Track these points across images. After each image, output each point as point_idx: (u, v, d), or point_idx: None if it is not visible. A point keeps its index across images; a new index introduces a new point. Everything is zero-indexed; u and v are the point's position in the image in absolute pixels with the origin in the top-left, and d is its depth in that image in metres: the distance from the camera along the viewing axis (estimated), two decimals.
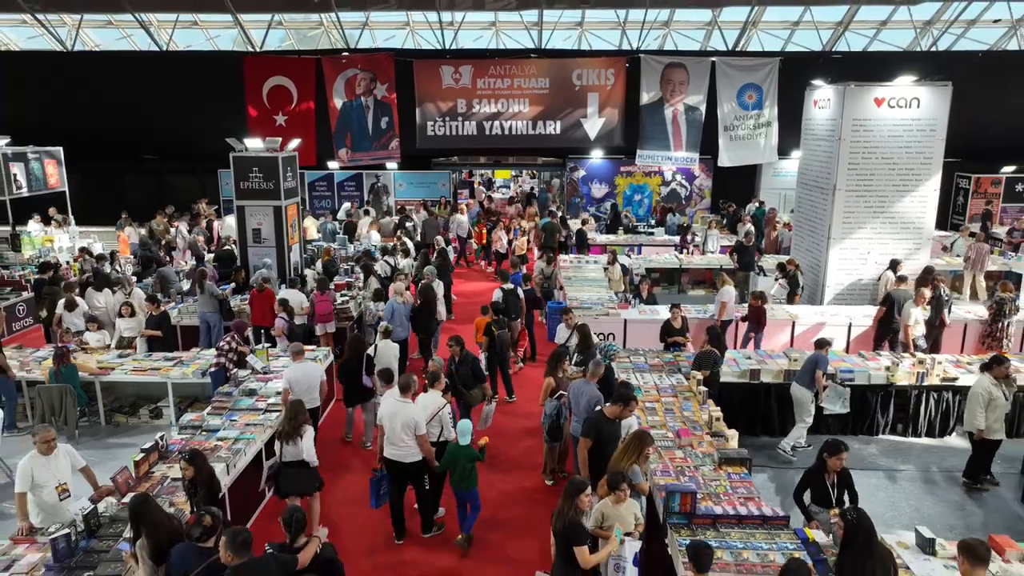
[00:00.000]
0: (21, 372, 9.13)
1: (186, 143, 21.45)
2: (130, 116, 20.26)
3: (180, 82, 19.62)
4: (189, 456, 5.62)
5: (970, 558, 4.32)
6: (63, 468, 5.86)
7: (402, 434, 6.41)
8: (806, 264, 13.75)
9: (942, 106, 12.47)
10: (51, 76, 19.54)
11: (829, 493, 5.76)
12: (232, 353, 9.07)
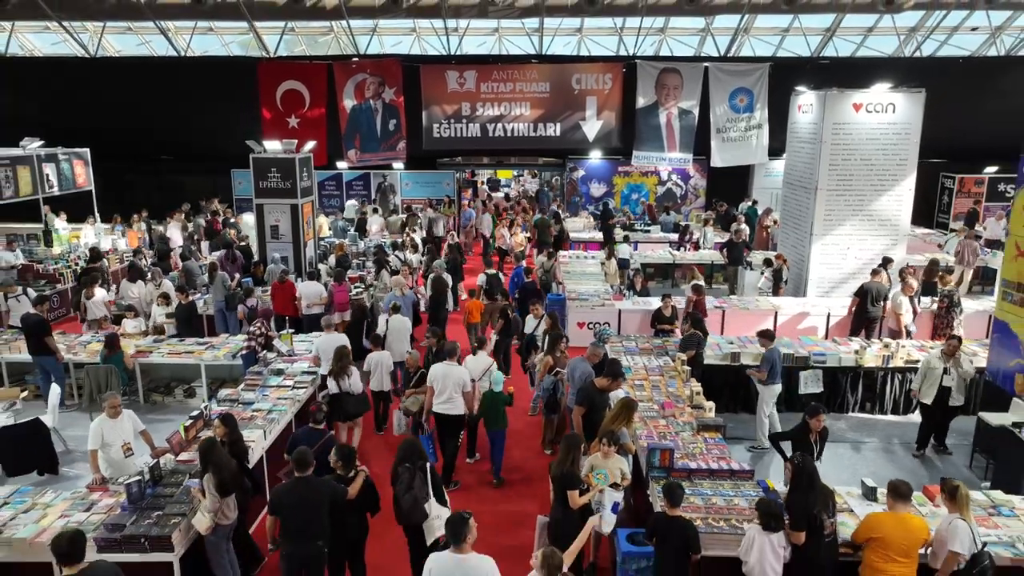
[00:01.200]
0: (68, 355, 10.01)
1: (200, 144, 22.32)
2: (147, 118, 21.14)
3: (196, 86, 20.51)
4: (222, 417, 6.52)
5: (893, 494, 5.22)
6: (127, 430, 6.78)
7: (452, 392, 7.62)
8: (791, 259, 14.62)
9: (916, 111, 13.31)
10: (75, 80, 20.46)
11: (812, 448, 6.62)
12: (261, 337, 9.96)
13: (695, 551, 5.30)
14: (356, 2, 17.81)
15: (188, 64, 20.94)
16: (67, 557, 4.45)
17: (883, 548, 5.14)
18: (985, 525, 5.80)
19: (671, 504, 5.36)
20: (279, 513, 5.47)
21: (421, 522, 5.74)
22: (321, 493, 5.46)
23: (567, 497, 5.76)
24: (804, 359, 9.85)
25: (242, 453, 6.35)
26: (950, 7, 17.77)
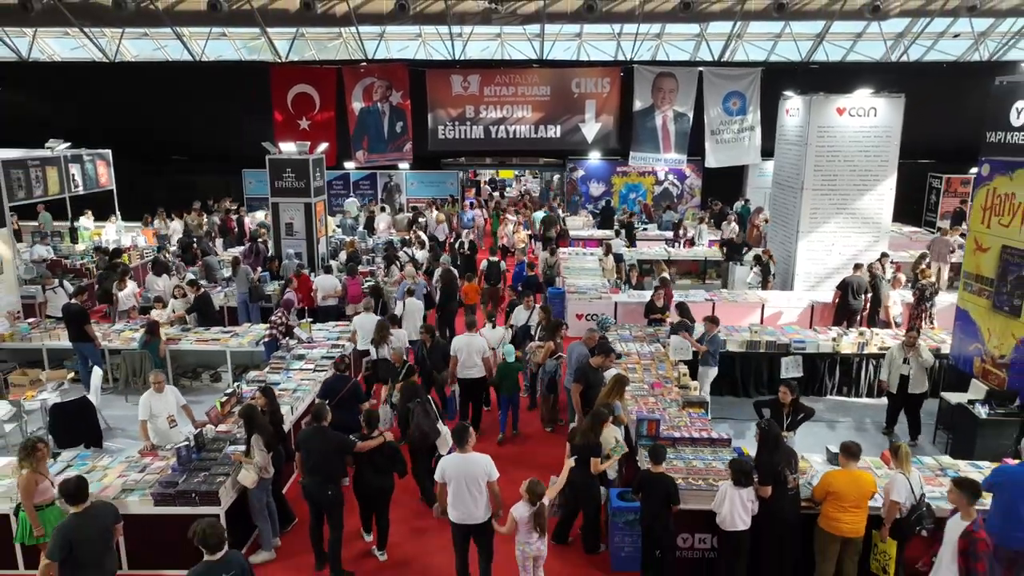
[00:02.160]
0: (104, 342, 10.81)
1: (212, 145, 23.17)
2: (162, 120, 21.99)
3: (210, 89, 21.34)
4: (263, 390, 7.34)
5: (844, 453, 6.01)
6: (171, 403, 7.60)
7: (475, 358, 8.99)
8: (779, 255, 15.41)
9: (896, 115, 14.07)
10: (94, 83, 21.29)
11: (783, 419, 7.38)
12: (282, 326, 10.77)
13: (675, 503, 6.09)
14: (365, 9, 18.59)
15: (202, 68, 21.76)
16: (74, 497, 5.29)
17: (838, 500, 5.93)
18: (932, 484, 6.60)
19: (655, 462, 6.16)
20: (299, 449, 6.48)
21: (436, 439, 7.21)
22: (331, 442, 6.37)
23: (590, 463, 6.54)
24: (785, 346, 10.64)
25: (279, 421, 7.16)
26: (934, 14, 18.53)
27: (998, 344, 8.64)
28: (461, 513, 5.87)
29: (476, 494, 5.81)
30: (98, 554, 5.28)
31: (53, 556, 5.13)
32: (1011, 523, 5.83)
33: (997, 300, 8.66)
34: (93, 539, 5.25)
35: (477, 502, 5.83)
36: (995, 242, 8.73)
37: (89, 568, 5.22)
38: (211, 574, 4.71)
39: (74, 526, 5.22)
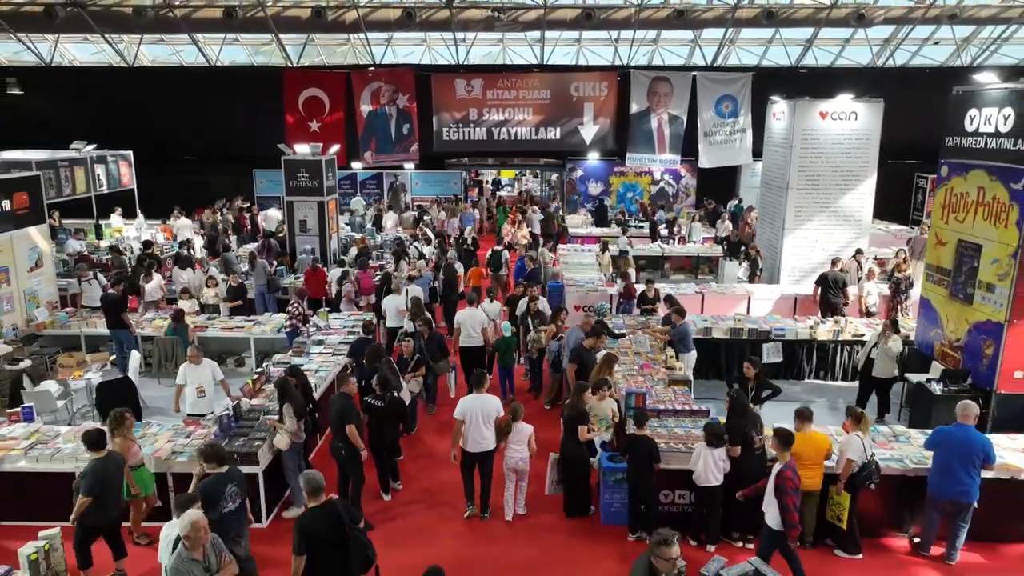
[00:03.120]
0: (137, 330, 11.70)
1: (224, 146, 24.05)
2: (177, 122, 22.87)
3: (222, 92, 22.25)
4: (292, 368, 8.27)
5: (799, 418, 6.90)
6: (207, 376, 8.52)
7: (476, 329, 10.34)
8: (766, 250, 16.28)
9: (875, 119, 14.91)
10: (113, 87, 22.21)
11: (748, 391, 8.26)
12: (299, 315, 11.67)
13: (656, 461, 6.98)
14: (373, 17, 19.52)
15: (215, 72, 22.66)
16: (96, 444, 6.30)
17: (797, 458, 6.80)
18: (885, 448, 7.49)
19: (638, 426, 7.04)
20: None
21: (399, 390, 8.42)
22: (334, 407, 7.37)
23: (577, 432, 7.43)
24: (766, 333, 11.53)
25: (309, 393, 8.07)
26: (916, 22, 19.41)
27: (954, 329, 9.51)
28: (476, 443, 7.35)
29: (487, 426, 7.33)
30: (115, 490, 6.35)
31: (91, 493, 6.09)
32: (947, 478, 6.72)
33: (954, 289, 9.53)
34: (112, 478, 6.31)
35: (488, 433, 7.34)
36: (952, 237, 9.61)
37: (109, 501, 6.24)
38: (220, 483, 5.86)
39: (100, 468, 6.23)
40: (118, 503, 6.43)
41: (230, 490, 5.91)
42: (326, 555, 5.26)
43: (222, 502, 5.82)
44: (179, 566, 4.76)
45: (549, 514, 7.69)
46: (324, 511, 5.45)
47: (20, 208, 11.69)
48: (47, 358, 10.99)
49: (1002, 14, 19.06)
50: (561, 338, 10.05)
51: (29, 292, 11.93)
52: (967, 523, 6.81)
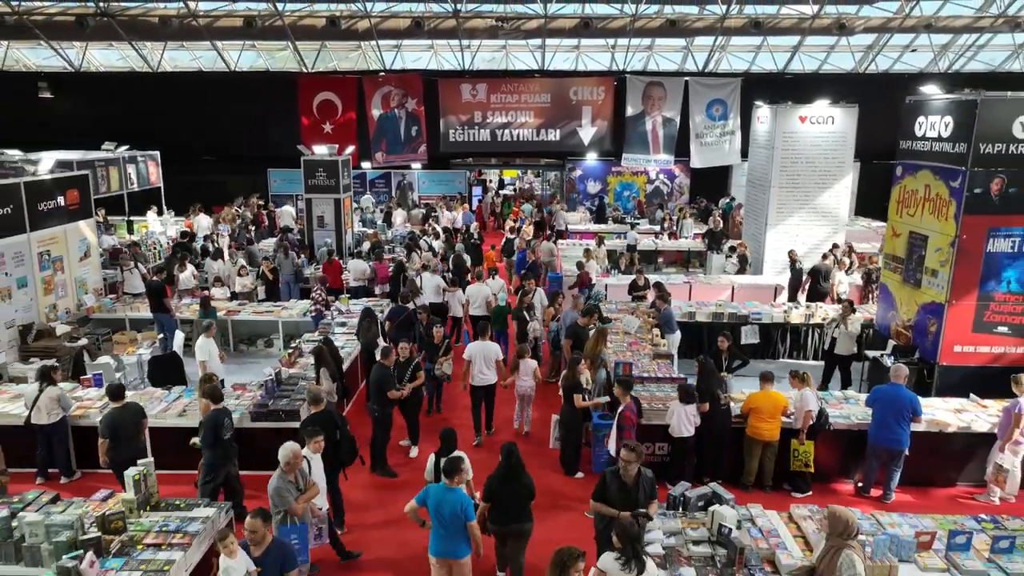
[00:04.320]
0: (176, 314, 12.96)
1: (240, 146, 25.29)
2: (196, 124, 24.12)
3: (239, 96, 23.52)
4: (325, 340, 9.53)
5: (762, 380, 8.15)
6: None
7: (482, 301, 12.23)
8: (752, 244, 17.51)
9: (851, 122, 16.13)
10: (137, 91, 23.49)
11: (722, 361, 9.52)
12: (323, 301, 12.94)
13: (640, 416, 8.22)
14: (384, 26, 20.79)
15: (232, 77, 23.94)
16: (115, 396, 7.69)
17: (758, 413, 8.08)
18: (836, 408, 8.76)
19: (625, 391, 8.26)
20: None
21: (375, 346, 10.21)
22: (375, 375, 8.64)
23: (574, 400, 8.68)
24: (744, 317, 12.77)
25: (339, 361, 9.34)
26: (894, 31, 20.65)
27: (907, 310, 10.75)
28: (481, 378, 9.37)
29: (489, 367, 9.42)
30: (131, 433, 7.66)
31: (106, 435, 7.53)
32: (883, 429, 7.97)
33: (906, 275, 10.77)
34: (127, 424, 7.64)
35: (489, 371, 9.43)
36: (905, 229, 10.85)
37: (125, 443, 7.56)
38: (220, 416, 7.30)
39: (115, 415, 7.62)
40: (135, 444, 7.70)
41: (227, 422, 7.38)
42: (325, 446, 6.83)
43: (222, 430, 7.27)
44: (279, 484, 6.00)
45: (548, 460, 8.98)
46: (323, 415, 7.25)
47: (72, 204, 12.95)
48: (99, 337, 12.26)
49: (974, 24, 20.27)
50: (559, 319, 11.31)
51: (79, 279, 13.18)
52: (899, 468, 8.05)
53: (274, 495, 6.01)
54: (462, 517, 5.75)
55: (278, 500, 6.00)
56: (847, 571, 4.95)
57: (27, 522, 5.78)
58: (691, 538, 6.04)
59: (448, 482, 5.85)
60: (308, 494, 6.22)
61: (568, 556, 4.66)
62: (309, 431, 6.76)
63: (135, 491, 6.31)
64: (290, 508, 6.01)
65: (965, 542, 5.91)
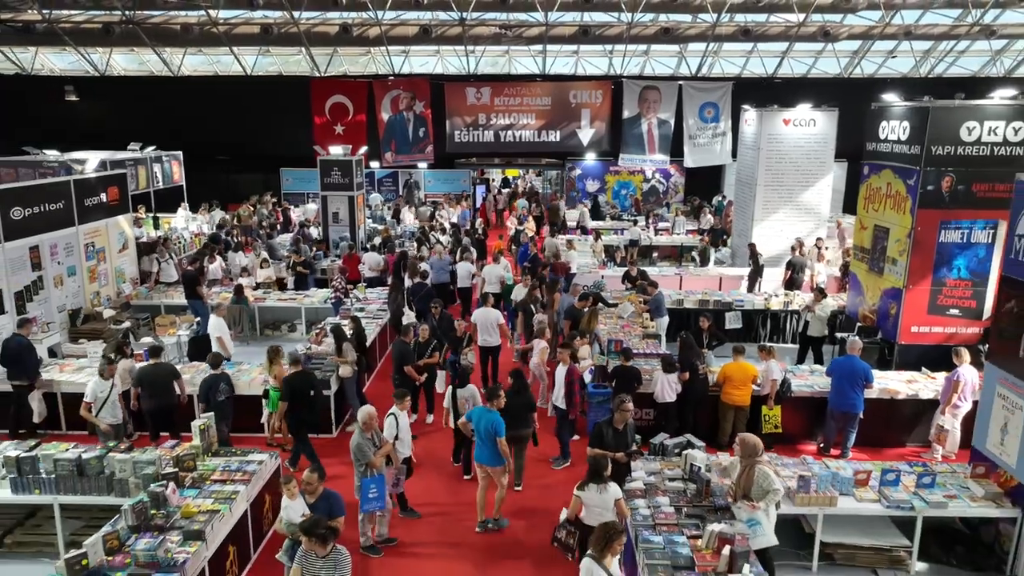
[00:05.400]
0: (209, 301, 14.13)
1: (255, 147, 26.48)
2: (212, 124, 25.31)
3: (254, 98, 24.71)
4: (353, 318, 10.72)
5: (735, 352, 9.33)
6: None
7: (495, 280, 13.74)
8: (741, 239, 18.66)
9: (831, 125, 17.27)
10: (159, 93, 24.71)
11: (703, 338, 10.71)
12: (342, 289, 14.13)
13: (639, 383, 9.38)
14: (394, 33, 21.94)
15: (247, 80, 25.12)
16: (152, 353, 9.20)
17: (731, 382, 9.25)
18: (802, 379, 9.96)
19: (625, 359, 9.44)
20: None
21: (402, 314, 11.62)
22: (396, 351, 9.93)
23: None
24: (728, 304, 13.95)
25: (363, 340, 10.54)
26: (876, 37, 21.80)
27: (872, 296, 11.92)
28: (485, 340, 11.01)
29: (492, 331, 11.02)
30: (160, 390, 8.78)
31: (137, 384, 8.84)
32: (839, 395, 9.14)
33: (871, 264, 11.94)
34: (159, 380, 8.83)
35: (493, 335, 11.04)
36: (871, 222, 12.02)
37: (156, 396, 8.73)
38: (215, 380, 8.66)
39: (148, 370, 8.95)
40: (166, 398, 8.86)
41: (222, 387, 8.64)
42: (300, 403, 8.39)
43: (216, 393, 8.55)
44: (360, 441, 7.11)
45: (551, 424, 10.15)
46: (301, 376, 8.65)
47: (112, 200, 14.14)
48: (139, 321, 13.45)
49: (952, 32, 21.41)
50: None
51: (118, 269, 14.38)
52: (855, 429, 9.23)
53: (356, 450, 7.11)
54: (493, 433, 7.28)
55: (359, 454, 7.10)
56: (763, 481, 6.17)
57: (117, 460, 6.97)
58: (667, 476, 7.23)
59: (488, 404, 7.47)
60: (383, 450, 7.27)
61: (612, 531, 5.31)
62: (397, 392, 7.97)
63: (200, 439, 7.50)
64: (370, 461, 7.08)
65: (895, 479, 7.10)
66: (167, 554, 5.76)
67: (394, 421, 7.59)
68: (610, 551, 5.21)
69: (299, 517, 6.06)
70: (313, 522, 5.47)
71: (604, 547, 5.20)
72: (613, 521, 5.68)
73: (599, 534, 5.29)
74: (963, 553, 7.10)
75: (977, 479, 7.23)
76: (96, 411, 8.49)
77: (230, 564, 6.63)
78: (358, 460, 7.13)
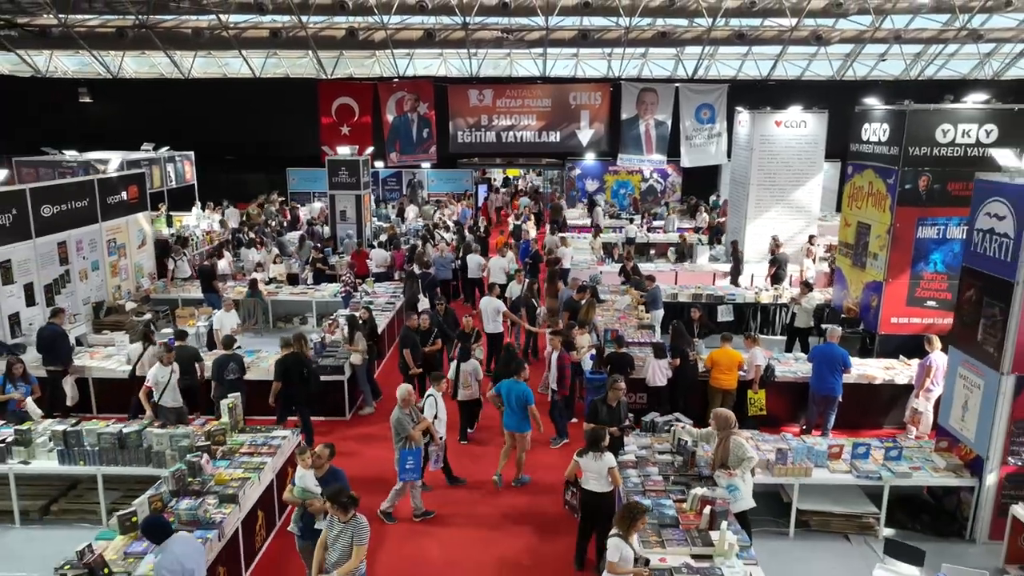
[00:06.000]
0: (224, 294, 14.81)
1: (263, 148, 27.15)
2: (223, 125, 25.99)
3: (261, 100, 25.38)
4: (366, 309, 11.39)
5: (723, 340, 9.98)
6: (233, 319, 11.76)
7: (499, 271, 14.56)
8: (734, 235, 19.29)
9: (821, 126, 17.88)
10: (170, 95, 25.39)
11: (695, 328, 11.37)
12: (351, 283, 14.80)
13: (632, 368, 10.04)
14: (399, 37, 22.61)
15: (257, 83, 25.81)
16: (179, 336, 10.08)
17: (718, 367, 9.90)
18: (787, 365, 10.62)
19: (619, 346, 10.11)
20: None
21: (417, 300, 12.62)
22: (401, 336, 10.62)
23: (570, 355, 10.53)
24: (720, 298, 14.61)
25: (374, 328, 11.21)
26: (866, 41, 22.46)
27: (855, 289, 12.58)
28: (488, 325, 11.85)
29: (495, 318, 11.94)
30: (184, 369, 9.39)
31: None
32: (819, 379, 9.78)
33: (855, 259, 12.60)
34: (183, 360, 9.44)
35: (496, 321, 11.95)
36: (854, 219, 12.67)
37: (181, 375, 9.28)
38: (225, 360, 9.39)
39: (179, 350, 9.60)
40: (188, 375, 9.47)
41: (231, 367, 9.34)
42: (293, 382, 9.09)
43: (226, 372, 9.26)
44: (400, 416, 7.75)
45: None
46: (294, 356, 9.32)
47: (132, 198, 14.82)
48: (158, 313, 14.13)
49: (940, 36, 22.07)
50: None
51: (137, 265, 15.05)
52: (834, 411, 9.86)
53: (396, 425, 7.75)
54: (523, 401, 8.43)
55: (400, 428, 7.73)
56: (738, 450, 6.85)
57: (155, 434, 7.64)
58: (657, 450, 7.89)
59: (516, 377, 8.63)
60: (421, 425, 7.90)
61: (636, 510, 5.79)
62: (435, 375, 8.68)
63: (228, 416, 8.17)
64: (409, 435, 7.71)
65: (864, 452, 7.77)
66: (206, 514, 6.42)
67: (434, 401, 8.24)
68: (634, 529, 5.75)
69: (313, 485, 6.54)
70: (337, 490, 6.03)
71: (629, 526, 5.71)
72: (636, 501, 6.24)
73: (623, 514, 5.80)
74: (928, 520, 7.75)
75: (940, 452, 7.90)
76: (158, 395, 8.95)
77: (259, 527, 7.30)
78: (398, 434, 7.75)
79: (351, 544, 5.74)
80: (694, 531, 6.33)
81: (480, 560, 7.44)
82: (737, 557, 5.98)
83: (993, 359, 7.27)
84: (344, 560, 5.71)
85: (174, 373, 9.05)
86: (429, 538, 7.83)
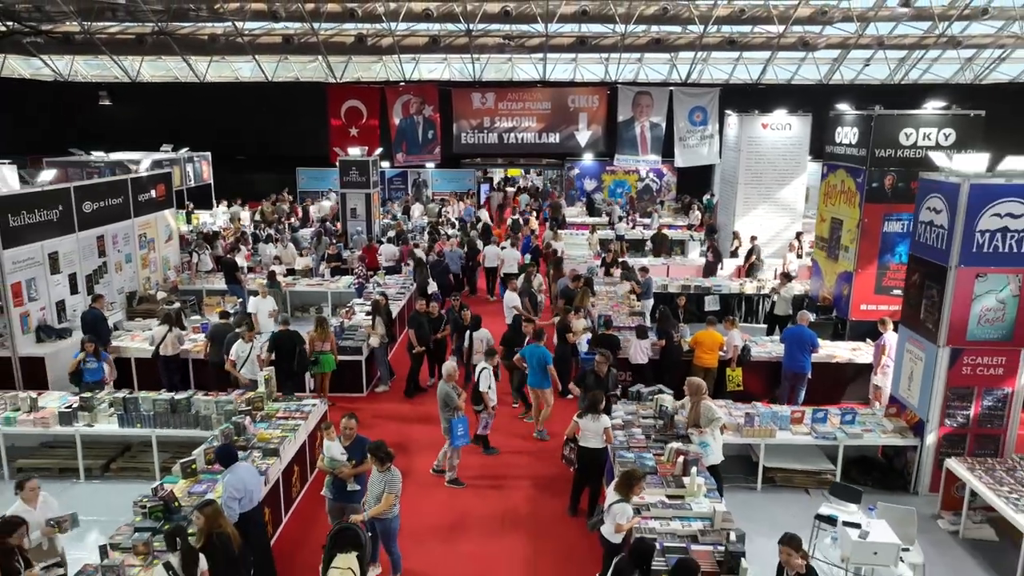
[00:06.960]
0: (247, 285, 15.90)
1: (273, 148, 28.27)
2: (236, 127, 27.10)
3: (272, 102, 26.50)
4: (383, 294, 12.50)
5: (706, 321, 11.08)
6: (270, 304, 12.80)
7: (512, 261, 15.95)
8: (724, 232, 20.40)
9: (805, 129, 18.98)
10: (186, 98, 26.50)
11: (679, 313, 12.47)
12: (363, 275, 15.91)
13: (619, 347, 11.13)
14: (405, 43, 23.73)
15: (269, 86, 26.93)
16: (222, 316, 11.17)
17: (701, 347, 11.00)
18: (761, 347, 11.70)
19: (607, 328, 11.20)
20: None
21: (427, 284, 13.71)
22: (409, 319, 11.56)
23: (566, 337, 11.61)
24: (707, 289, 15.70)
25: (389, 313, 12.32)
26: (851, 47, 23.55)
27: (829, 280, 13.68)
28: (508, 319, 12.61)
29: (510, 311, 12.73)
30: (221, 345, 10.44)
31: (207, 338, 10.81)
32: (790, 359, 10.85)
33: (829, 252, 13.70)
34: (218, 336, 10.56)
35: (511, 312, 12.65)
36: (828, 215, 13.77)
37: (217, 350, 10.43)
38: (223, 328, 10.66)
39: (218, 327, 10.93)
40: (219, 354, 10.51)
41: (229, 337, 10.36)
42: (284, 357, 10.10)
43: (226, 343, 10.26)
44: (447, 389, 8.79)
45: None
46: (286, 333, 10.40)
47: (160, 196, 15.92)
48: (186, 302, 15.24)
49: (922, 42, 23.15)
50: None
51: (164, 258, 16.15)
52: (804, 388, 10.93)
53: (444, 397, 8.80)
54: (544, 362, 9.93)
55: (448, 400, 8.78)
56: (707, 413, 7.95)
57: (201, 400, 8.75)
58: (641, 415, 8.99)
59: (537, 342, 10.11)
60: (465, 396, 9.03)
61: (633, 476, 6.50)
62: (490, 350, 9.84)
63: (264, 387, 9.28)
64: (456, 405, 8.76)
65: (823, 416, 8.87)
66: (253, 463, 7.52)
67: (489, 373, 9.38)
68: (632, 493, 6.51)
69: (339, 454, 7.25)
70: (377, 445, 6.85)
71: (628, 491, 6.48)
72: (634, 468, 7.08)
73: (622, 480, 6.52)
74: (878, 476, 8.85)
75: (890, 417, 8.99)
76: (240, 367, 10.05)
77: (295, 479, 8.41)
78: (447, 405, 8.78)
79: (383, 491, 6.71)
80: (669, 476, 7.43)
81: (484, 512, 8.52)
82: (705, 497, 7.07)
83: (932, 334, 8.37)
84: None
85: (253, 349, 10.10)
86: (439, 489, 8.92)
